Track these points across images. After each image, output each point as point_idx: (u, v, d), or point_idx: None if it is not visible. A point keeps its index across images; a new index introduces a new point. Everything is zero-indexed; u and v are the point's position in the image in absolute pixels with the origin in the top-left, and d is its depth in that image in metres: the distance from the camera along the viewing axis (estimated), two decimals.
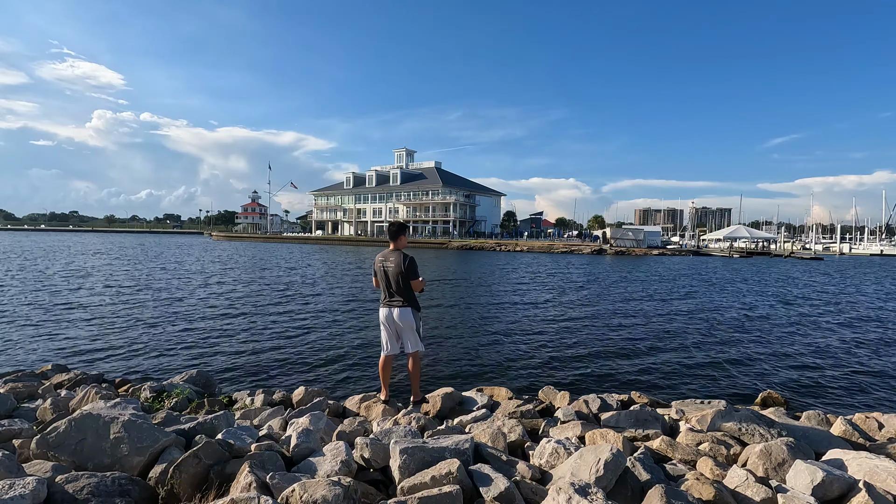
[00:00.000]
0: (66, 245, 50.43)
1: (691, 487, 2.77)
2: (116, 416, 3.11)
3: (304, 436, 3.35)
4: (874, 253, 64.05)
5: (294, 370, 7.43)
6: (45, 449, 2.96)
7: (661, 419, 4.26)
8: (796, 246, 67.90)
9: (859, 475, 2.96)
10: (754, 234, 60.63)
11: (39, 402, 4.69)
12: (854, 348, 9.49)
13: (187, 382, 5.65)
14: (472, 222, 79.21)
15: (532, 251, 53.83)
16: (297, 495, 2.45)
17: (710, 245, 64.78)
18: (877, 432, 4.43)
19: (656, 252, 51.60)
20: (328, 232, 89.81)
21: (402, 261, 4.60)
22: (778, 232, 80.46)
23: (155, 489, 2.76)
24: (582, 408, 4.73)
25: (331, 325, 10.84)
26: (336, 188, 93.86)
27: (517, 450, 3.66)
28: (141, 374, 6.98)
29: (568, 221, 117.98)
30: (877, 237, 75.18)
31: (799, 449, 3.34)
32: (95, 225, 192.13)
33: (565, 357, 8.39)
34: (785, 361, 8.41)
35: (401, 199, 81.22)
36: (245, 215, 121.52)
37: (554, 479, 2.99)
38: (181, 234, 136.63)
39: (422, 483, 2.66)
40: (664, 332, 10.69)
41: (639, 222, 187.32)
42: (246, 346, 8.76)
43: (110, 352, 8.24)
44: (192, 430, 3.48)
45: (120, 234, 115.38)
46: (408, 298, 4.67)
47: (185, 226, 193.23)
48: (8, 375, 5.80)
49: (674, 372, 7.68)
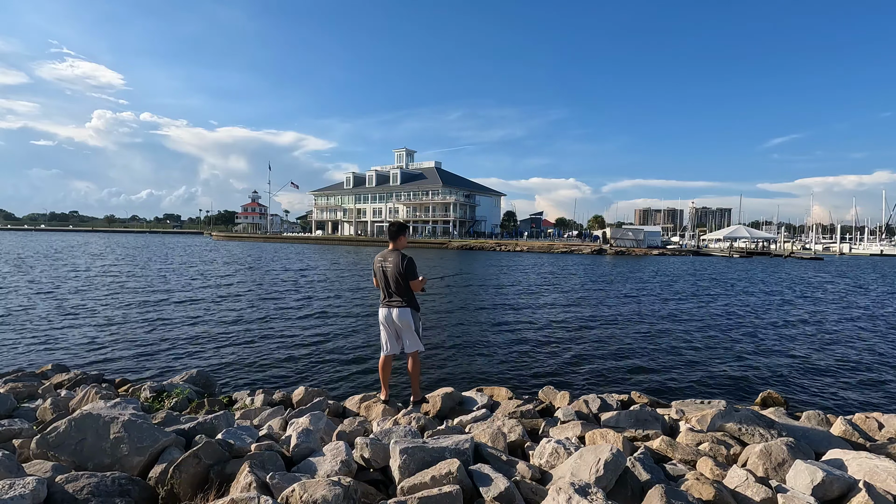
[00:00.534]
0: (69, 245, 50.43)
1: (691, 487, 2.77)
2: (116, 416, 3.11)
3: (304, 436, 3.35)
4: (874, 253, 64.05)
5: (294, 370, 7.43)
6: (45, 449, 2.96)
7: (661, 419, 4.26)
8: (796, 246, 67.88)
9: (859, 475, 2.96)
10: (754, 234, 60.64)
11: (39, 402, 4.68)
12: (854, 348, 9.49)
13: (187, 382, 5.65)
14: (472, 222, 79.21)
15: (532, 251, 53.81)
16: (297, 495, 2.45)
17: (710, 245, 64.79)
18: (877, 432, 4.43)
19: (656, 252, 51.59)
20: (328, 232, 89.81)
21: (401, 261, 4.60)
22: (778, 232, 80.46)
23: (155, 489, 2.75)
24: (582, 408, 4.73)
25: (331, 325, 10.84)
26: (336, 188, 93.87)
27: (517, 450, 3.66)
28: (141, 374, 6.99)
29: (568, 221, 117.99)
30: (877, 237, 75.20)
31: (799, 449, 3.33)
32: (95, 225, 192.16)
33: (565, 357, 8.39)
34: (785, 361, 8.41)
35: (401, 199, 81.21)
36: (245, 215, 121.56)
37: (554, 479, 2.99)
38: (181, 234, 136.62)
39: (422, 483, 2.66)
40: (664, 333, 10.69)
41: (639, 222, 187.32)
42: (246, 346, 8.76)
43: (110, 352, 8.23)
44: (192, 430, 3.48)
45: (120, 235, 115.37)
46: (407, 299, 4.67)
47: (185, 226, 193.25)
48: (8, 375, 5.80)
49: (674, 372, 7.68)
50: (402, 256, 4.64)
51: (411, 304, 4.70)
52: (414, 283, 4.64)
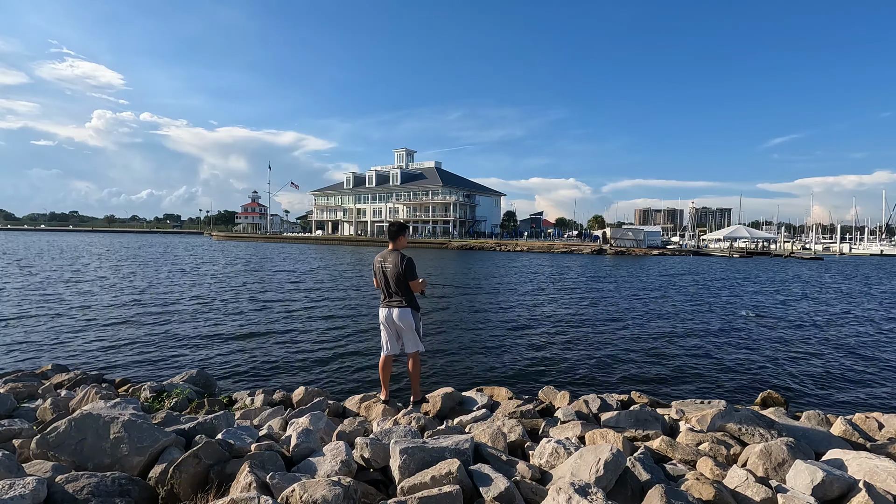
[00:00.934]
0: (71, 245, 50.44)
1: (691, 487, 2.77)
2: (116, 416, 3.11)
3: (304, 436, 3.35)
4: (874, 253, 64.07)
5: (294, 370, 7.43)
6: (45, 449, 2.96)
7: (661, 419, 4.26)
8: (796, 246, 67.88)
9: (859, 475, 2.96)
10: (754, 234, 60.63)
11: (39, 402, 4.68)
12: (854, 348, 9.49)
13: (187, 382, 5.65)
14: (472, 222, 79.21)
15: (532, 251, 53.82)
16: (297, 495, 2.45)
17: (710, 245, 64.78)
18: (877, 432, 4.43)
19: (656, 252, 51.59)
20: (328, 232, 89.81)
21: (400, 261, 4.60)
22: (778, 232, 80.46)
23: (155, 489, 2.75)
24: (582, 408, 4.73)
25: (331, 325, 10.84)
26: (336, 188, 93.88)
27: (517, 450, 3.66)
28: (141, 374, 6.99)
29: (568, 221, 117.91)
30: (877, 237, 75.23)
31: (799, 449, 3.33)
32: (95, 225, 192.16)
33: (565, 357, 8.39)
34: (785, 361, 8.41)
35: (401, 199, 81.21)
36: (245, 215, 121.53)
37: (554, 479, 2.99)
38: (181, 234, 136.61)
39: (422, 483, 2.66)
40: (664, 332, 10.69)
41: (639, 222, 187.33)
42: (246, 346, 8.76)
43: (110, 352, 8.23)
44: (192, 430, 3.48)
45: (120, 235, 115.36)
46: (407, 299, 4.67)
47: (185, 226, 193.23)
48: (8, 375, 5.80)
49: (674, 372, 7.68)
50: (401, 256, 4.64)
51: (411, 304, 4.69)
52: (414, 284, 4.64)
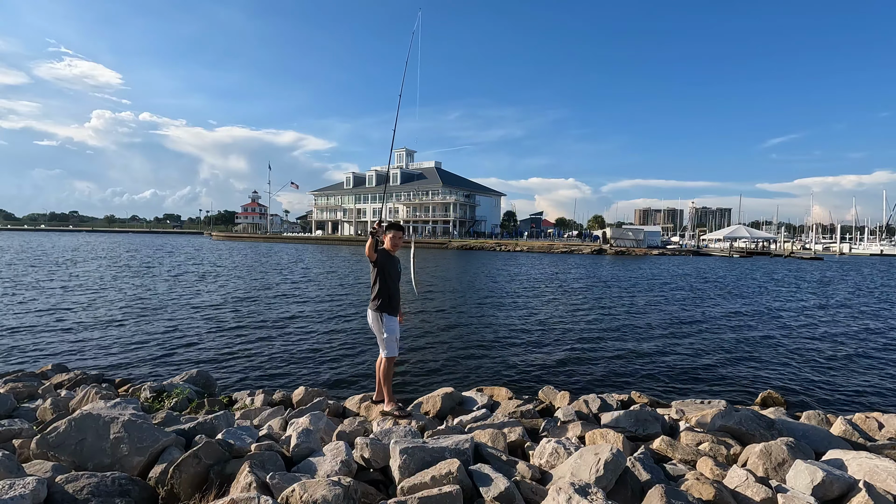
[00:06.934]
0: (73, 246, 50.43)
1: (691, 487, 2.77)
2: (116, 416, 3.11)
3: (304, 436, 3.35)
4: (874, 253, 64.08)
5: (294, 370, 7.42)
6: (45, 449, 2.96)
7: (661, 419, 4.26)
8: (796, 246, 67.88)
9: (859, 475, 2.96)
10: (754, 234, 60.64)
11: (39, 402, 4.68)
12: (854, 348, 9.49)
13: (187, 382, 5.64)
14: (472, 222, 79.19)
15: (532, 251, 53.80)
16: (297, 495, 2.45)
17: (710, 245, 64.77)
18: (877, 432, 4.43)
19: (656, 252, 51.59)
20: (328, 232, 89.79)
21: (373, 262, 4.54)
22: (778, 232, 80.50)
23: (155, 489, 2.76)
24: (582, 408, 4.73)
25: (331, 326, 10.83)
26: (336, 188, 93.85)
27: (517, 450, 3.66)
28: (141, 374, 6.98)
29: (568, 221, 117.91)
30: (877, 237, 75.24)
31: (799, 449, 3.33)
32: (95, 225, 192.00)
33: (565, 357, 8.39)
34: (785, 361, 8.41)
35: (401, 199, 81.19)
36: (245, 215, 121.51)
37: (554, 479, 2.99)
38: (181, 234, 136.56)
39: (422, 483, 2.66)
40: (664, 332, 10.69)
41: (639, 222, 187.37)
42: (246, 346, 8.76)
43: (110, 352, 8.23)
44: (192, 430, 3.48)
45: (120, 235, 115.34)
46: (378, 301, 4.56)
47: (186, 226, 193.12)
48: (8, 375, 5.79)
49: (674, 372, 7.67)
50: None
51: (381, 306, 4.55)
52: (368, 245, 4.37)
